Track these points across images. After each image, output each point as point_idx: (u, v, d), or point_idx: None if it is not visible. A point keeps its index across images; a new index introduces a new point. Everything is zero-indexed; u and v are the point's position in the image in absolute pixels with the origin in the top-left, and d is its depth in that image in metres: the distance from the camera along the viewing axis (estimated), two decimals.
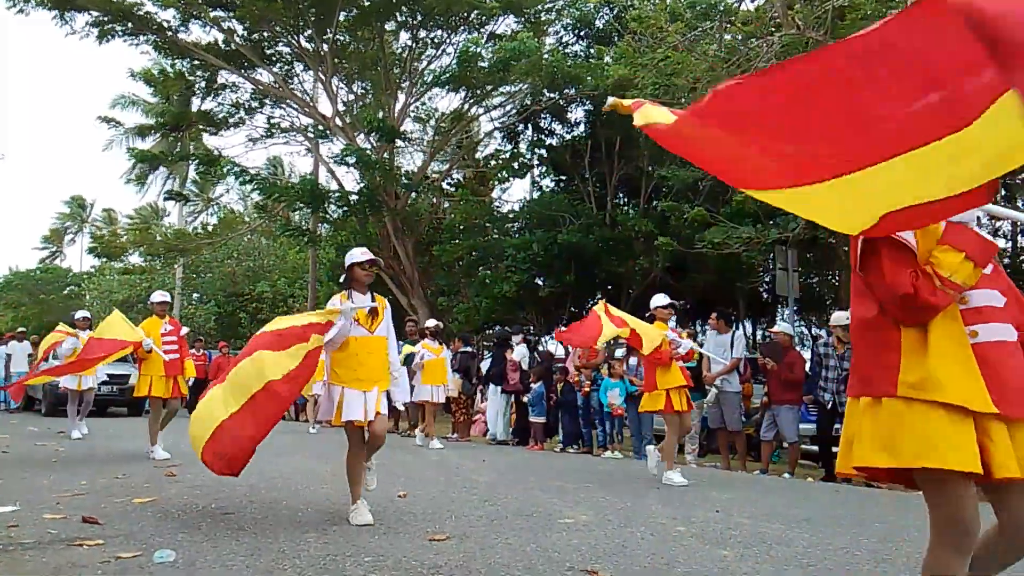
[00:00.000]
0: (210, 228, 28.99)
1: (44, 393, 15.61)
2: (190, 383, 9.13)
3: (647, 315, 7.39)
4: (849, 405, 2.31)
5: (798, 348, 10.17)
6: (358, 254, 4.81)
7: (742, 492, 6.48)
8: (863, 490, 7.07)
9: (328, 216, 20.74)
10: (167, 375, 7.89)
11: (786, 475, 8.36)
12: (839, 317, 8.40)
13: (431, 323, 11.44)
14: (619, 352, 10.71)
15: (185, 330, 8.54)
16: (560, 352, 15.04)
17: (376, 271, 5.13)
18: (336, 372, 4.65)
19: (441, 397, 10.76)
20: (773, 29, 11.63)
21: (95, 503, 4.90)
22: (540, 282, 18.49)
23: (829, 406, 8.23)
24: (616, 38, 16.91)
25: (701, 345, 9.15)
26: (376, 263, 5.00)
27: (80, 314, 10.49)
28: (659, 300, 7.28)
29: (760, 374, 9.63)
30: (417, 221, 20.52)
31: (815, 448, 8.82)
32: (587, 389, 10.59)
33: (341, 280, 4.90)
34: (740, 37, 12.44)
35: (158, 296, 8.45)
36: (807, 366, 9.01)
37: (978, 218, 2.32)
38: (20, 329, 19.04)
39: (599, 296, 20.28)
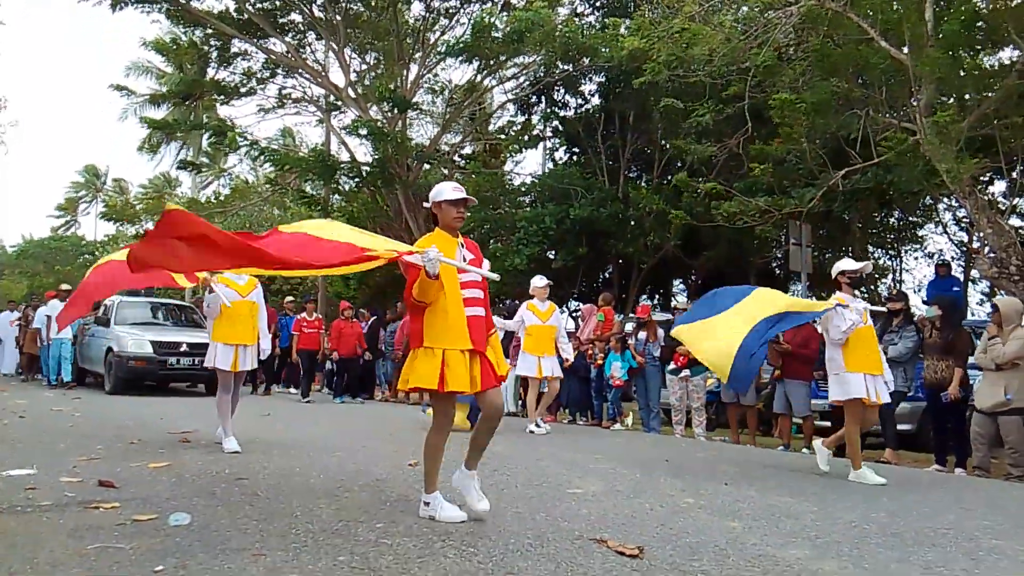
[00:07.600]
0: (222, 198, 28.97)
1: (110, 367, 12.43)
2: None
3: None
4: None
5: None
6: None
7: (751, 465, 6.50)
8: (873, 466, 7.06)
9: (340, 188, 20.70)
10: (474, 347, 3.84)
11: (804, 451, 8.30)
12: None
13: (541, 281, 9.03)
14: (627, 327, 10.72)
15: (487, 266, 4.12)
16: (571, 326, 15.05)
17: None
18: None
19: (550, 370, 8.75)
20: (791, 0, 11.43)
21: (111, 467, 4.97)
22: (552, 255, 18.45)
23: None
24: (631, 8, 16.67)
25: None
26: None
27: None
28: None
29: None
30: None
31: (826, 423, 8.81)
32: (600, 361, 10.62)
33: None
34: (758, 8, 12.23)
35: (450, 189, 4.03)
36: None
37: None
38: (64, 286, 15.50)
39: (611, 270, 20.27)
